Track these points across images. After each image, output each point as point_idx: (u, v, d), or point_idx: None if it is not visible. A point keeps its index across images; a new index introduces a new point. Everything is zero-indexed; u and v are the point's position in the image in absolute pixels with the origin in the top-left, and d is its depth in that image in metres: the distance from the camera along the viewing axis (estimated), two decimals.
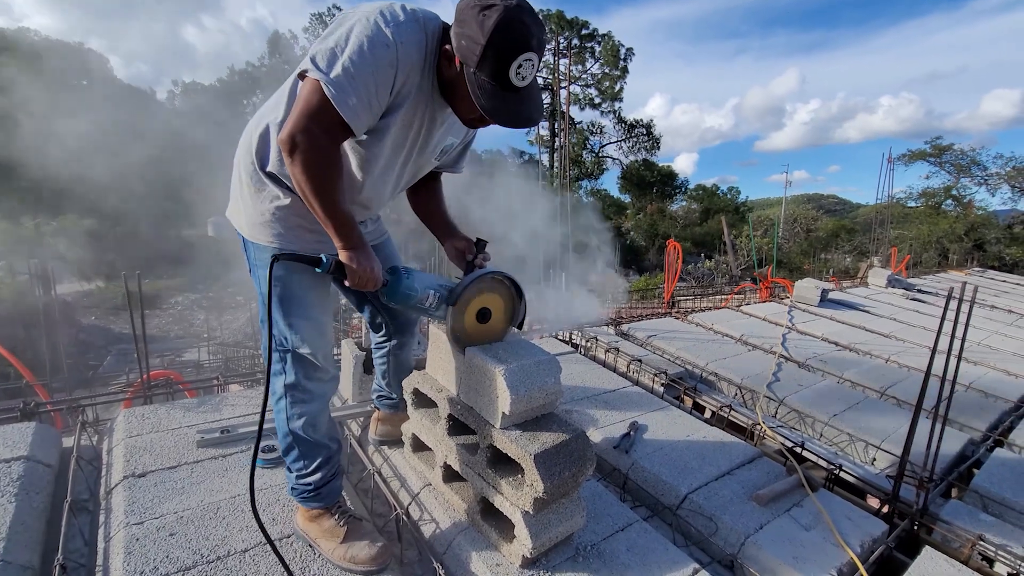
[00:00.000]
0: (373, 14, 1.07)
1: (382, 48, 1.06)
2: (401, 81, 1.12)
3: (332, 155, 1.12)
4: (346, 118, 1.06)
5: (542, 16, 19.26)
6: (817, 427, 2.74)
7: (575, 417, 2.43)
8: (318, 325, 1.38)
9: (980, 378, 3.67)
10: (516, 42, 1.05)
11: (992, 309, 6.40)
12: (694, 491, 1.94)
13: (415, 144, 1.30)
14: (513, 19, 1.04)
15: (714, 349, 3.61)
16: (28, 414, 1.96)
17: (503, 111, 1.11)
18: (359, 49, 1.05)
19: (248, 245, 1.35)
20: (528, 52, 1.07)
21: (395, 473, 1.87)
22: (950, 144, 20.44)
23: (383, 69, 1.08)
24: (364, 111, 1.09)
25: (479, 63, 1.07)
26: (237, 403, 2.19)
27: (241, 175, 1.32)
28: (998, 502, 2.19)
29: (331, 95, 1.04)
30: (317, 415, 1.40)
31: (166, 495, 1.59)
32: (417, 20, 1.12)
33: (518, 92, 1.11)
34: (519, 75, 1.08)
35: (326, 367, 1.40)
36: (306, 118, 1.06)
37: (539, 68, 1.13)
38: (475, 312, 1.47)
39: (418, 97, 1.19)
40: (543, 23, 1.11)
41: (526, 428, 1.45)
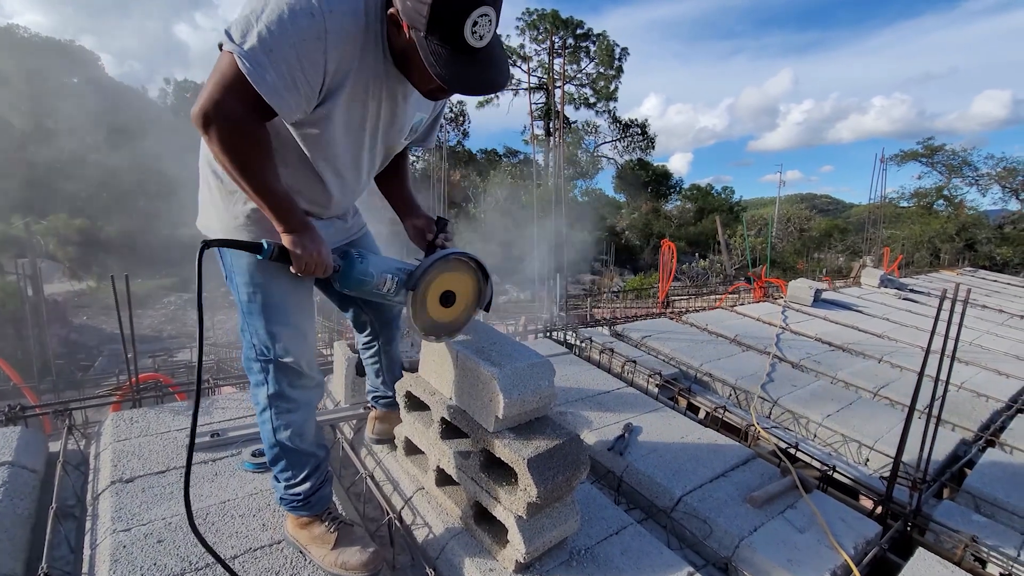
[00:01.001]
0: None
1: (305, 17, 0.94)
2: (336, 56, 1.00)
3: (253, 130, 1.02)
4: (264, 95, 0.96)
5: (537, 16, 19.14)
6: (811, 428, 2.74)
7: (569, 419, 2.42)
8: (300, 332, 1.33)
9: (972, 378, 3.69)
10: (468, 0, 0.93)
11: (983, 309, 6.45)
12: (688, 493, 1.93)
13: (377, 124, 1.21)
14: None
15: (708, 350, 3.61)
16: (13, 418, 1.92)
17: (462, 77, 0.98)
18: (278, 19, 0.92)
19: (223, 253, 1.28)
20: (483, 6, 0.94)
21: (388, 477, 1.85)
22: (942, 145, 20.65)
23: (308, 42, 0.96)
24: (287, 89, 0.98)
25: (429, 25, 0.94)
26: (228, 406, 2.16)
27: (209, 181, 1.26)
28: (990, 502, 2.20)
29: (245, 69, 0.94)
30: (303, 424, 1.36)
31: (154, 501, 1.57)
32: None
33: (475, 54, 0.99)
34: (475, 34, 0.96)
35: (311, 374, 1.36)
36: (220, 90, 0.96)
37: (497, 24, 1.01)
38: (438, 296, 1.38)
39: (363, 72, 1.08)
40: None
41: (520, 432, 1.44)
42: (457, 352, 1.52)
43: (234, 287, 1.29)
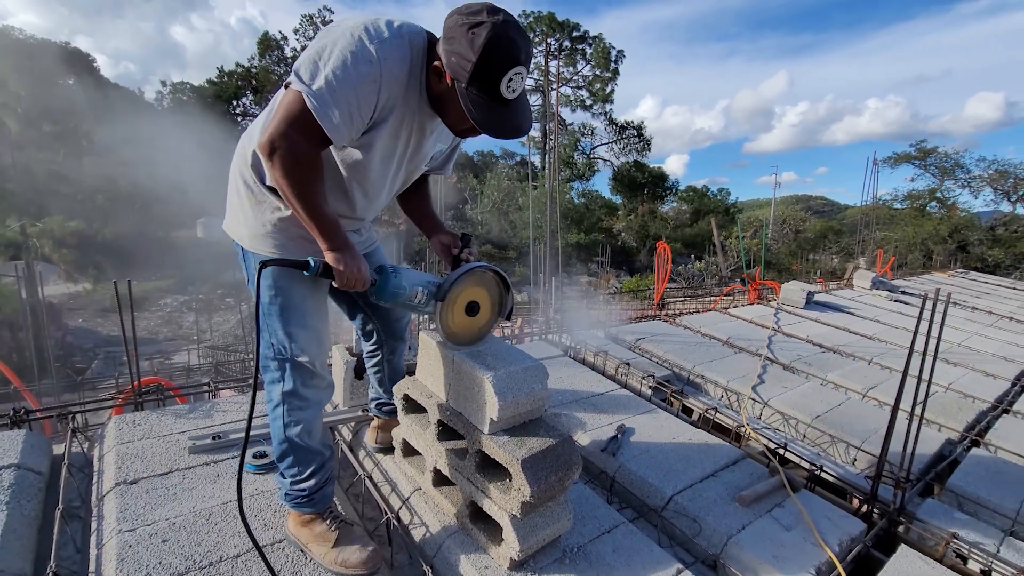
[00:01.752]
0: (358, 29, 1.10)
1: (365, 64, 1.08)
2: (385, 96, 1.15)
3: (312, 159, 1.15)
4: (326, 129, 1.09)
5: (533, 18, 19.51)
6: (800, 428, 2.80)
7: (564, 421, 2.47)
8: (316, 334, 1.40)
9: (959, 379, 3.76)
10: (505, 58, 1.08)
11: (973, 311, 6.54)
12: (679, 493, 1.98)
13: (404, 153, 1.33)
14: (501, 36, 1.07)
15: (701, 352, 3.66)
16: (18, 421, 1.96)
17: (495, 123, 1.14)
18: (342, 64, 1.07)
19: (248, 256, 1.38)
20: (517, 66, 1.10)
21: (386, 478, 1.89)
22: (934, 147, 20.86)
23: (365, 84, 1.10)
24: (345, 124, 1.11)
25: (470, 79, 1.09)
26: (229, 409, 2.20)
27: (239, 188, 1.35)
28: (973, 500, 2.26)
29: (312, 106, 1.07)
30: (312, 422, 1.43)
31: (158, 502, 1.61)
32: (402, 36, 1.14)
33: (508, 104, 1.14)
34: (509, 88, 1.11)
35: (323, 374, 1.43)
36: (286, 124, 1.09)
37: (527, 79, 1.16)
38: (464, 306, 1.49)
39: (404, 109, 1.22)
40: (528, 35, 1.14)
41: (514, 433, 1.49)
42: (453, 356, 1.56)
43: (255, 288, 1.35)
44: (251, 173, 1.30)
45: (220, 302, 20.31)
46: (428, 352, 1.69)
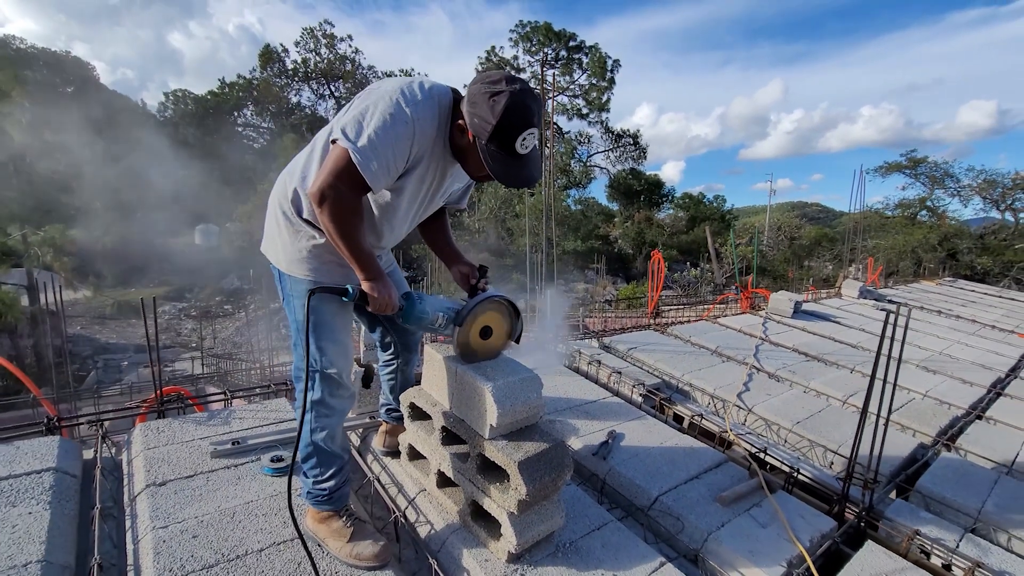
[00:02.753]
0: (395, 93, 1.30)
1: (402, 125, 1.28)
2: (417, 150, 1.35)
3: (355, 206, 1.34)
4: (367, 180, 1.28)
5: (530, 28, 19.95)
6: (782, 433, 2.96)
7: (558, 427, 2.62)
8: (343, 348, 1.58)
9: (937, 386, 3.93)
10: (520, 121, 1.28)
11: (957, 319, 6.74)
12: (664, 493, 2.14)
13: (427, 193, 1.54)
14: (518, 103, 1.27)
15: (690, 360, 3.83)
16: (52, 428, 2.11)
17: (510, 175, 1.35)
18: (383, 124, 1.26)
19: (284, 278, 1.56)
20: (530, 128, 1.30)
21: (392, 480, 2.05)
22: (924, 157, 21.21)
23: (402, 141, 1.30)
24: (383, 174, 1.31)
25: (490, 138, 1.29)
26: (244, 416, 2.35)
27: (279, 218, 1.53)
28: (938, 501, 2.42)
29: (357, 161, 1.25)
30: (336, 428, 1.60)
31: (186, 501, 1.76)
32: (433, 97, 1.35)
33: (521, 158, 1.34)
34: (523, 145, 1.32)
35: (347, 385, 1.61)
36: (333, 176, 1.28)
37: (536, 137, 1.36)
38: (479, 330, 1.67)
39: (431, 158, 1.42)
40: (540, 99, 1.34)
41: (511, 438, 1.64)
42: (456, 367, 1.72)
43: (291, 309, 1.56)
44: (290, 206, 1.48)
45: (218, 309, 20.41)
46: (433, 364, 1.85)
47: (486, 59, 31.66)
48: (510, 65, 31.66)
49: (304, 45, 27.45)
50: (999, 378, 4.40)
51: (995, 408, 3.67)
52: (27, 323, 12.15)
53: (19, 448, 1.94)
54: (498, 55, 31.55)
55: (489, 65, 31.81)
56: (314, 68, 27.77)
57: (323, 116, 28.49)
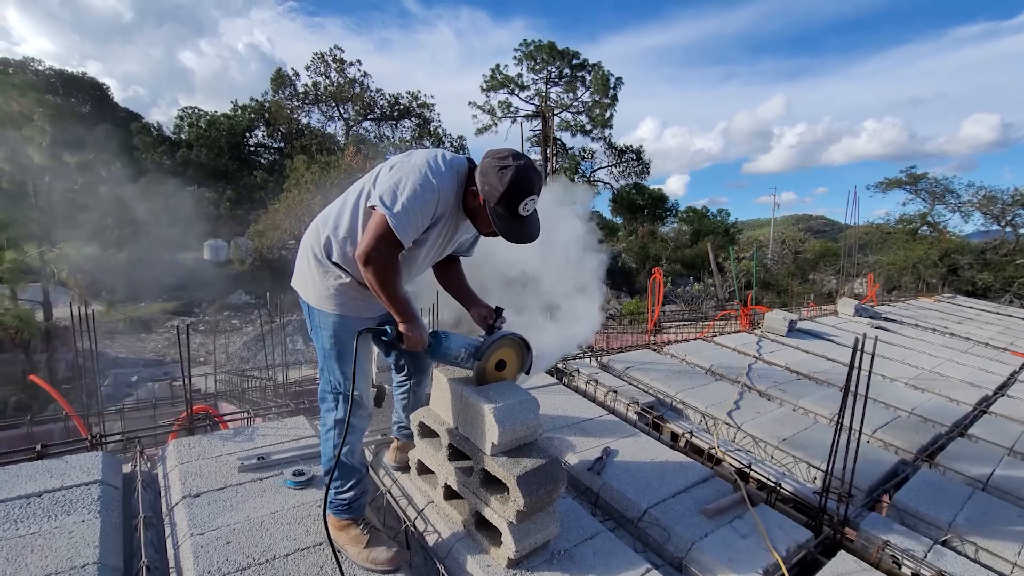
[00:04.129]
0: (423, 166, 1.58)
1: (429, 193, 1.57)
2: (440, 211, 1.64)
3: (395, 263, 1.60)
4: (402, 241, 1.54)
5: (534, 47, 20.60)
6: (768, 450, 3.13)
7: (556, 443, 2.81)
8: (365, 373, 1.80)
9: (923, 404, 4.09)
10: (523, 189, 1.57)
11: (951, 337, 6.87)
12: (653, 506, 2.32)
13: (442, 243, 1.79)
14: (522, 175, 1.56)
15: (685, 379, 4.01)
16: (95, 445, 2.32)
17: (512, 233, 1.63)
18: (413, 193, 1.54)
19: (313, 312, 1.79)
20: (532, 195, 1.59)
21: (403, 493, 2.24)
22: (924, 173, 21.41)
23: (429, 206, 1.58)
24: (413, 234, 1.57)
25: (498, 202, 1.58)
26: (267, 433, 2.55)
27: (310, 259, 1.76)
28: (912, 515, 2.58)
29: (393, 225, 1.51)
30: (356, 445, 1.81)
31: (218, 511, 1.96)
32: (453, 168, 1.64)
33: (523, 219, 1.63)
34: (525, 209, 1.60)
35: (367, 405, 1.83)
36: (376, 240, 1.54)
37: (537, 202, 1.65)
38: (495, 363, 1.93)
39: (448, 216, 1.70)
40: (540, 170, 1.63)
41: (511, 454, 1.84)
42: (461, 390, 1.93)
43: (318, 339, 1.79)
44: (321, 250, 1.72)
45: (226, 323, 20.70)
46: (440, 386, 2.05)
47: (491, 77, 32.27)
48: (514, 82, 32.25)
49: (315, 69, 28.26)
50: (986, 396, 4.55)
51: (978, 426, 3.81)
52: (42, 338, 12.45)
53: (68, 462, 2.15)
54: (503, 72, 32.16)
55: (494, 83, 32.42)
56: (324, 91, 28.50)
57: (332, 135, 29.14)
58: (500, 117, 32.88)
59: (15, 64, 22.33)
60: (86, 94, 24.93)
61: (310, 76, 28.40)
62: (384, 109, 30.60)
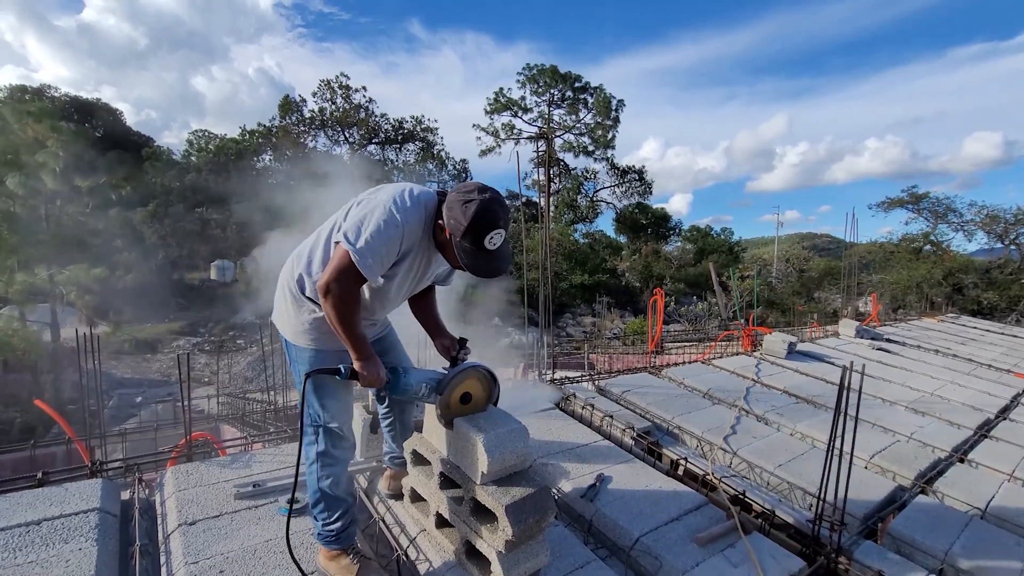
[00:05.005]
0: (388, 203, 1.59)
1: (393, 228, 1.57)
2: (406, 246, 1.64)
3: (354, 296, 1.60)
4: (364, 274, 1.55)
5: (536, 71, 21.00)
6: (764, 476, 3.13)
7: (550, 470, 2.82)
8: (344, 405, 1.83)
9: (922, 428, 4.06)
10: (487, 223, 1.55)
11: (953, 358, 6.83)
12: (645, 534, 2.32)
13: (416, 277, 1.81)
14: (486, 209, 1.55)
15: (681, 403, 4.02)
16: (95, 472, 2.36)
17: (479, 267, 1.61)
18: (377, 229, 1.55)
19: (290, 346, 1.82)
20: (497, 229, 1.57)
21: (396, 521, 2.26)
22: (926, 192, 21.51)
23: (393, 241, 1.59)
24: (377, 268, 1.58)
25: (462, 236, 1.57)
26: (263, 460, 2.59)
27: (286, 294, 1.80)
28: (908, 543, 2.57)
29: (356, 260, 1.53)
30: (340, 476, 1.83)
31: (213, 539, 1.99)
32: (420, 203, 1.65)
33: (490, 253, 1.61)
34: (491, 243, 1.59)
35: (349, 437, 1.85)
36: (337, 272, 1.55)
37: (505, 238, 1.64)
38: (459, 396, 1.91)
39: (418, 250, 1.72)
40: (507, 205, 1.62)
41: (501, 483, 1.86)
42: (454, 419, 1.96)
43: (296, 373, 1.82)
44: (295, 285, 1.76)
45: (231, 344, 20.80)
46: (433, 415, 2.09)
47: (495, 99, 32.87)
48: (517, 105, 32.81)
49: (321, 95, 28.97)
50: (988, 419, 4.51)
51: (978, 451, 3.78)
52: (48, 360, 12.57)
53: (67, 490, 2.20)
54: (506, 95, 32.76)
55: (497, 105, 32.99)
56: (330, 116, 29.16)
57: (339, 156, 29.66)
58: (504, 139, 33.38)
59: (32, 91, 23.01)
60: (99, 119, 25.57)
61: (316, 102, 29.13)
62: (388, 133, 31.18)
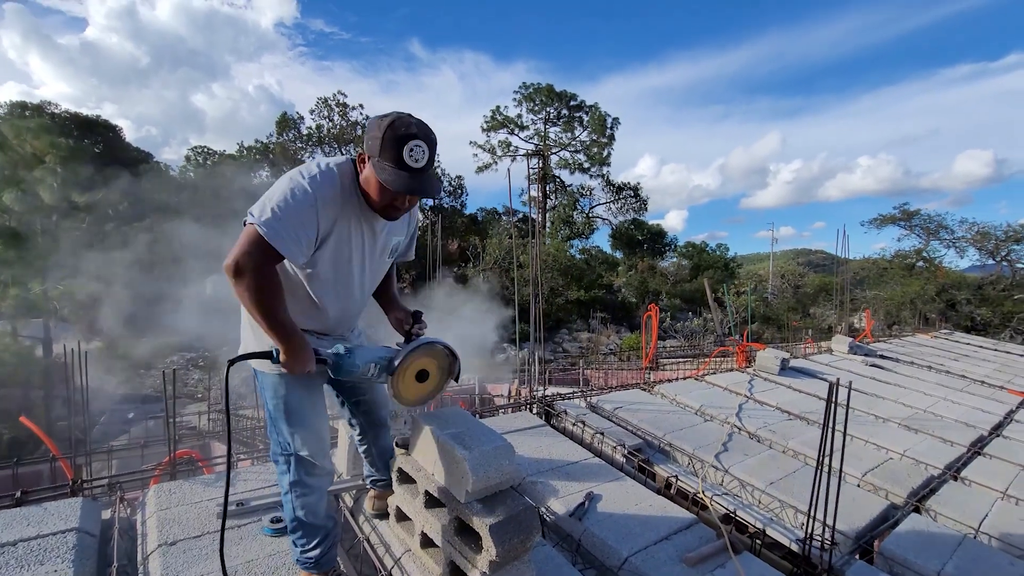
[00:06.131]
0: (294, 174, 1.48)
1: (301, 193, 1.43)
2: (325, 214, 1.47)
3: (268, 275, 1.43)
4: (275, 246, 1.39)
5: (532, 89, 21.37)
6: (755, 494, 3.10)
7: (539, 488, 2.79)
8: (315, 432, 1.74)
9: (915, 446, 4.05)
10: (405, 133, 1.41)
11: (947, 375, 6.84)
12: (634, 554, 2.29)
13: (363, 254, 1.65)
14: (402, 119, 1.43)
15: (673, 420, 4.00)
16: (76, 490, 2.32)
17: (400, 183, 1.43)
18: (283, 198, 1.41)
19: (257, 373, 1.71)
20: (416, 139, 1.41)
21: (381, 540, 2.22)
22: (917, 209, 21.78)
23: (304, 210, 1.43)
24: (291, 241, 1.41)
25: (380, 151, 1.42)
26: (248, 478, 2.56)
27: (247, 319, 1.68)
28: (900, 563, 2.54)
29: (264, 232, 1.38)
30: (317, 504, 1.77)
31: (193, 561, 1.95)
32: (330, 168, 1.51)
33: (413, 172, 1.43)
34: (412, 157, 1.42)
35: (323, 465, 1.77)
36: (245, 247, 1.39)
37: (432, 158, 1.47)
38: (414, 374, 1.74)
39: (349, 219, 1.55)
40: (430, 128, 1.47)
41: (485, 502, 1.84)
42: (438, 436, 1.95)
43: (264, 398, 1.73)
44: None
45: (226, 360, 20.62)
46: (419, 432, 2.07)
47: (491, 117, 33.26)
48: (514, 123, 33.20)
49: (318, 113, 29.29)
50: (981, 436, 4.50)
51: (971, 468, 3.77)
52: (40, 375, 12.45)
53: (47, 509, 2.16)
54: (503, 113, 33.17)
55: (494, 123, 33.38)
56: (327, 133, 29.45)
57: None
58: (500, 156, 33.70)
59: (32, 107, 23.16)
60: (99, 135, 25.71)
61: (314, 119, 29.42)
62: None
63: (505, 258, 26.41)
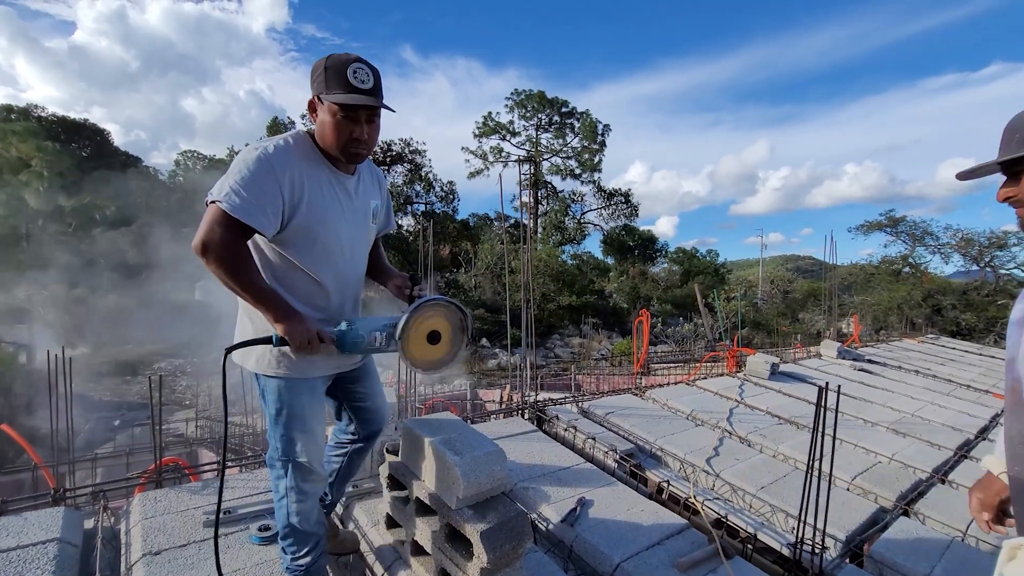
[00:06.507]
0: (247, 149, 1.47)
1: (256, 163, 1.42)
2: (286, 178, 1.46)
3: (239, 246, 1.42)
4: (240, 217, 1.38)
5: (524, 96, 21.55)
6: (747, 499, 3.11)
7: (531, 494, 2.78)
8: (314, 438, 1.72)
9: (903, 449, 4.09)
10: (345, 59, 1.46)
11: (934, 379, 6.92)
12: (626, 560, 2.28)
13: (342, 210, 1.61)
14: (340, 53, 1.48)
15: (665, 425, 4.00)
16: (58, 500, 2.27)
17: (352, 101, 1.45)
18: (239, 172, 1.41)
19: (258, 377, 1.66)
20: (357, 63, 1.46)
21: (371, 548, 2.20)
22: (903, 216, 22.15)
23: (262, 176, 1.42)
24: (257, 210, 1.40)
25: (326, 85, 1.46)
26: (236, 486, 2.52)
27: (245, 322, 1.65)
28: (890, 567, 2.55)
29: (226, 207, 1.37)
30: (310, 511, 1.75)
31: (178, 570, 1.91)
32: (284, 138, 1.53)
33: (362, 92, 1.46)
34: (357, 78, 1.44)
35: (319, 471, 1.76)
36: (209, 224, 1.39)
37: (378, 85, 1.49)
38: (424, 336, 1.63)
39: (318, 180, 1.55)
40: (368, 62, 1.49)
41: (476, 509, 1.83)
42: (429, 442, 1.93)
43: (265, 403, 1.69)
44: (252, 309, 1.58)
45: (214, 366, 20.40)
46: (409, 438, 2.05)
47: (483, 123, 33.39)
48: (505, 129, 33.35)
49: (309, 119, 29.22)
50: (968, 439, 4.55)
51: (958, 471, 3.81)
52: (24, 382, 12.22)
53: (27, 519, 2.11)
54: (495, 119, 33.31)
55: (486, 129, 33.50)
56: None
57: None
58: (492, 162, 33.81)
59: (18, 111, 22.89)
60: (87, 139, 25.44)
61: (305, 124, 29.35)
62: (376, 155, 31.42)
63: (497, 264, 26.43)
